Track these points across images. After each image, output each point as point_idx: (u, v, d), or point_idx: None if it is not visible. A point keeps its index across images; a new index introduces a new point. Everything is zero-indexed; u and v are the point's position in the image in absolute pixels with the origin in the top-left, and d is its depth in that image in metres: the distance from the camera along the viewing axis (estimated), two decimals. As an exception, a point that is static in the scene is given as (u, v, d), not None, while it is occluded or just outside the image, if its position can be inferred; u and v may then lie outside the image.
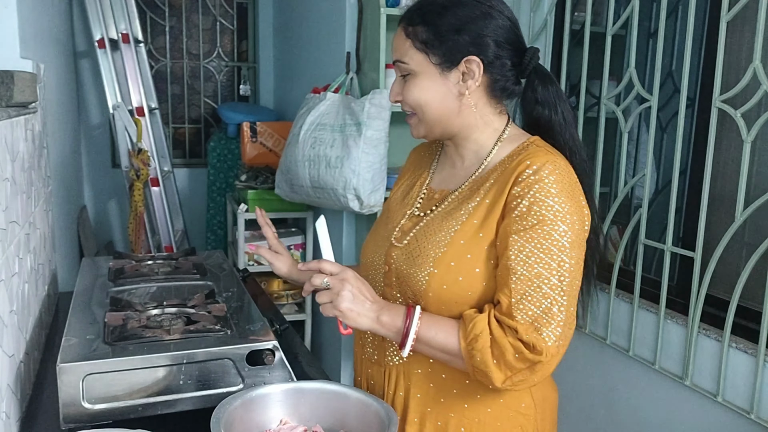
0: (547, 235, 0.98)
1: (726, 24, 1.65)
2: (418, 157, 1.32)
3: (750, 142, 1.60)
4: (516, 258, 0.99)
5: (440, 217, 1.12)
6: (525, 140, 1.11)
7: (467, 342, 0.99)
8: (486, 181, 1.09)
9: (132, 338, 1.14)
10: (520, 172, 1.03)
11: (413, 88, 1.09)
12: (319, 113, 2.56)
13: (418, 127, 1.14)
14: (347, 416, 1.06)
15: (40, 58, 1.89)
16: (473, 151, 1.15)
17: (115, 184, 3.96)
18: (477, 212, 1.07)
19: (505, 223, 1.02)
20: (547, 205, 0.99)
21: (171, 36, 4.24)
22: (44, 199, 1.67)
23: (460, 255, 1.05)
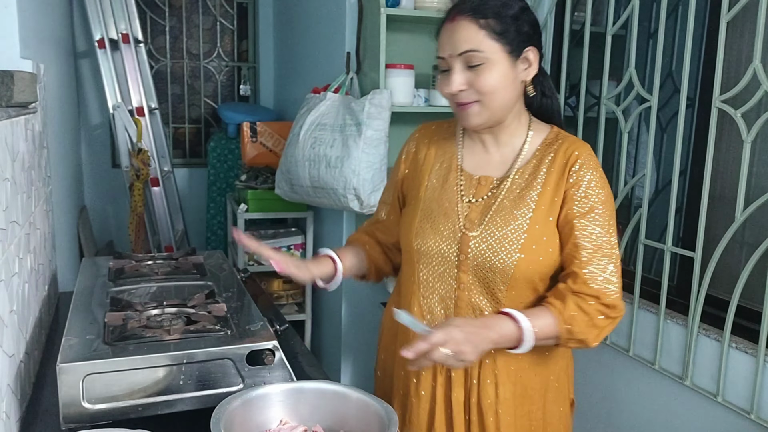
0: (600, 215, 1.20)
1: (726, 24, 1.65)
2: (432, 141, 1.38)
3: (750, 142, 1.60)
4: (581, 236, 1.19)
5: (508, 205, 1.24)
6: (550, 129, 1.30)
7: (566, 322, 1.17)
8: (539, 169, 1.24)
9: (132, 338, 1.14)
10: (572, 162, 1.22)
11: (488, 75, 1.17)
12: (319, 113, 2.56)
13: (480, 114, 1.21)
14: (347, 416, 1.06)
15: (40, 58, 1.89)
16: (509, 137, 1.28)
17: (115, 184, 3.96)
18: (543, 200, 1.22)
19: (567, 208, 1.21)
20: (597, 191, 1.21)
21: (171, 36, 4.24)
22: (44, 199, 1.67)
23: (538, 238, 1.21)
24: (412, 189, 1.37)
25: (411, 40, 2.73)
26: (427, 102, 2.67)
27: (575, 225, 1.19)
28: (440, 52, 1.21)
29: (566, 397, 1.36)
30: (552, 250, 1.22)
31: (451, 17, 1.20)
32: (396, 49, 2.63)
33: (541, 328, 1.16)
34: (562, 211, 1.21)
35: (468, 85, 1.18)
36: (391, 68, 2.53)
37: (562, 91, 2.24)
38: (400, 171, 1.42)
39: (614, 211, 1.24)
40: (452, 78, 1.19)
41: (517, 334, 1.15)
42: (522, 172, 1.25)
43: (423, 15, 2.56)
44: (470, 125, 1.23)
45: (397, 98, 2.54)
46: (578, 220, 1.19)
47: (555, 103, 1.32)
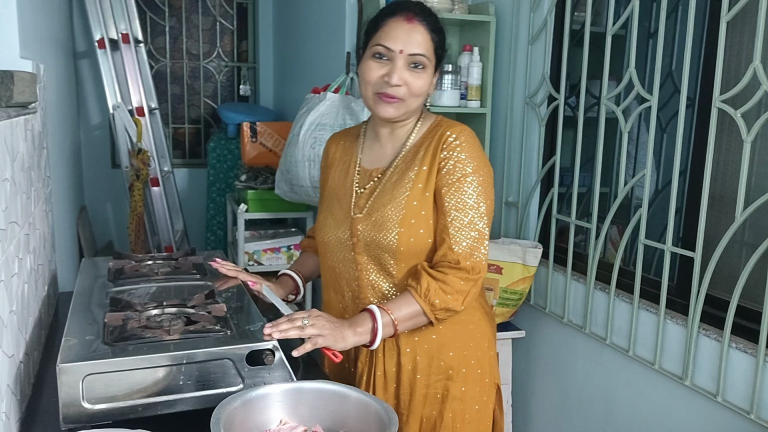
0: (467, 186, 1.32)
1: (726, 24, 1.65)
2: (339, 146, 1.55)
3: (750, 142, 1.60)
4: (449, 205, 1.32)
5: (389, 188, 1.38)
6: (435, 118, 1.44)
7: (424, 298, 1.29)
8: (417, 153, 1.37)
9: (132, 338, 1.14)
10: (444, 140, 1.34)
11: (421, 80, 1.33)
12: (319, 113, 2.56)
13: (399, 110, 1.35)
14: (347, 416, 1.06)
15: (40, 58, 1.89)
16: (402, 130, 1.42)
17: (115, 184, 3.96)
18: (419, 178, 1.35)
19: (437, 180, 1.33)
20: (466, 162, 1.32)
21: (171, 36, 4.24)
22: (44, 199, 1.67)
23: (417, 213, 1.34)
24: (322, 189, 1.55)
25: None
26: (427, 102, 2.67)
27: (443, 194, 1.32)
28: (387, 42, 1.31)
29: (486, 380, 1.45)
30: (432, 222, 1.34)
31: (408, 18, 1.32)
32: (396, 49, 2.63)
33: (403, 312, 1.29)
34: (435, 183, 1.33)
35: (404, 82, 1.32)
36: (391, 68, 2.53)
37: (562, 91, 2.24)
38: (321, 177, 1.59)
39: (488, 181, 1.35)
40: (395, 72, 1.31)
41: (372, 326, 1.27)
42: (404, 158, 1.39)
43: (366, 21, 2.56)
44: (388, 116, 1.35)
45: (397, 98, 2.53)
46: (446, 188, 1.32)
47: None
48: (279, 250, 3.26)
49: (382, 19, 1.35)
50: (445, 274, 1.29)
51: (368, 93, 1.36)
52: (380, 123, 1.42)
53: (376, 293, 1.40)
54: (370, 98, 1.36)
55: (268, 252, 3.25)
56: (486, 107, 2.64)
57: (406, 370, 1.41)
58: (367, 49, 1.37)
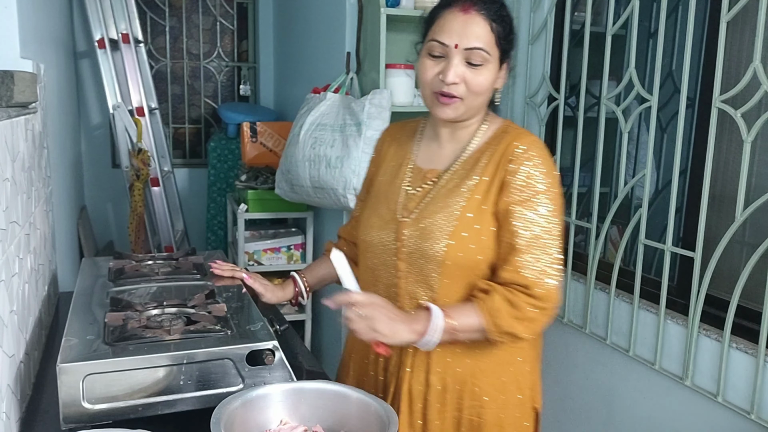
0: (539, 204, 1.20)
1: (726, 24, 1.65)
2: (394, 139, 1.44)
3: (750, 142, 1.60)
4: (518, 224, 1.19)
5: (443, 194, 1.26)
6: (501, 123, 1.31)
7: (490, 315, 1.17)
8: (478, 161, 1.26)
9: (132, 338, 1.14)
10: (511, 151, 1.22)
11: (480, 76, 1.22)
12: (319, 113, 2.56)
13: (458, 110, 1.24)
14: (348, 416, 1.06)
15: (40, 58, 1.89)
16: (464, 132, 1.31)
17: (115, 184, 3.96)
18: (478, 189, 1.23)
19: (504, 196, 1.21)
20: (538, 179, 1.20)
21: (171, 36, 4.24)
22: (44, 199, 1.67)
23: (469, 226, 1.22)
24: (371, 186, 1.44)
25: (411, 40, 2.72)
26: (427, 102, 2.67)
27: (512, 212, 1.20)
28: (441, 36, 1.21)
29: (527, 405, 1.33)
30: (485, 238, 1.22)
31: (464, 8, 1.20)
32: (396, 49, 2.63)
33: (463, 321, 1.18)
34: (500, 200, 1.21)
35: (462, 80, 1.21)
36: (391, 68, 2.53)
37: (562, 91, 2.24)
38: (370, 170, 1.49)
39: (560, 201, 1.23)
40: (451, 69, 1.20)
41: (430, 327, 1.17)
42: (464, 163, 1.28)
43: (423, 15, 2.56)
44: (446, 117, 1.25)
45: (397, 98, 2.53)
46: (516, 206, 1.20)
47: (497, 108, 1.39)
48: (279, 250, 3.26)
49: (437, 12, 1.25)
50: (517, 297, 1.17)
51: (425, 93, 1.26)
52: (441, 122, 1.31)
53: (412, 304, 1.28)
54: (427, 98, 1.27)
55: (268, 252, 3.25)
56: (486, 107, 2.64)
57: (435, 391, 1.29)
58: (423, 46, 1.28)
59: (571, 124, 2.26)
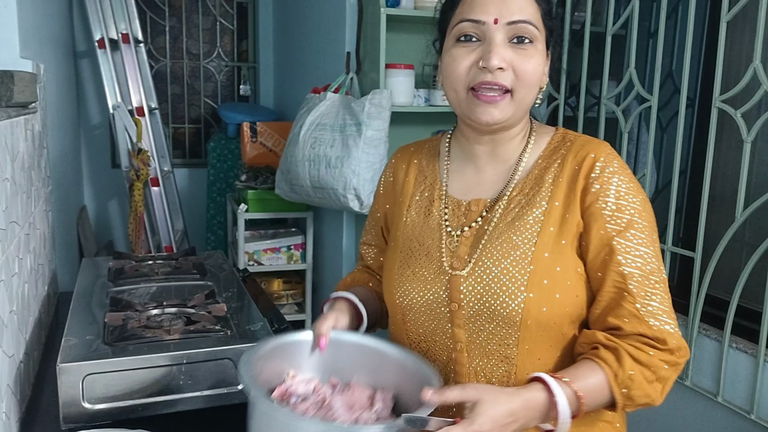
0: (642, 230, 0.93)
1: (726, 24, 1.65)
2: (412, 166, 1.12)
3: (750, 142, 1.60)
4: (626, 261, 0.91)
5: (503, 230, 0.96)
6: (555, 131, 1.04)
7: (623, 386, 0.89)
8: (540, 182, 0.98)
9: (132, 338, 1.14)
10: (588, 166, 0.95)
11: (532, 60, 0.92)
12: (319, 113, 2.56)
13: (506, 108, 0.94)
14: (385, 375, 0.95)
15: (40, 58, 1.89)
16: (509, 147, 1.02)
17: (115, 184, 3.96)
18: (550, 219, 0.95)
19: (597, 227, 0.93)
20: (632, 200, 0.94)
21: (171, 36, 4.24)
22: (44, 199, 1.67)
23: (550, 269, 0.92)
24: (392, 228, 1.12)
25: (411, 40, 2.73)
26: (427, 102, 2.67)
27: (615, 247, 0.91)
28: (474, 13, 0.92)
29: None
30: (571, 283, 0.93)
31: None
32: (396, 49, 2.63)
33: (589, 393, 0.86)
34: (590, 232, 0.93)
35: (508, 65, 0.91)
36: (391, 68, 2.53)
37: (562, 91, 2.24)
38: (380, 207, 1.17)
39: (654, 221, 0.97)
40: (494, 49, 0.90)
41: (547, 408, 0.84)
42: (521, 188, 0.99)
43: (423, 15, 2.56)
44: (492, 120, 0.94)
45: (397, 98, 2.54)
46: (617, 240, 0.91)
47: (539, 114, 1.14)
48: (279, 250, 3.26)
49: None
50: (650, 356, 0.89)
51: (458, 94, 0.95)
52: (474, 137, 1.01)
53: None
54: (462, 101, 0.96)
55: (268, 252, 3.25)
56: (486, 107, 2.64)
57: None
58: (446, 38, 0.98)
59: (571, 124, 2.26)
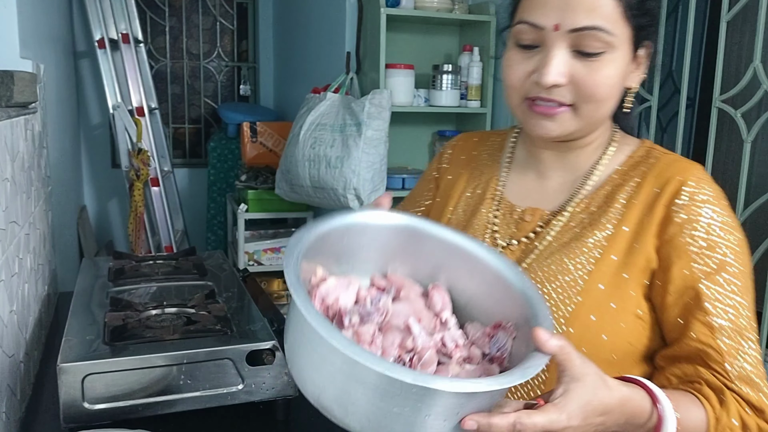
0: (737, 275, 0.78)
1: (726, 24, 1.65)
2: (471, 159, 1.00)
3: (750, 142, 1.60)
4: (716, 310, 0.76)
5: (557, 250, 0.83)
6: (638, 144, 0.90)
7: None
8: (611, 201, 0.83)
9: (132, 338, 1.14)
10: (673, 192, 0.79)
11: (599, 73, 0.77)
12: (319, 113, 2.56)
13: (565, 123, 0.81)
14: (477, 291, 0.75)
15: (40, 58, 1.89)
16: (582, 155, 0.88)
17: (115, 184, 3.96)
18: (615, 245, 0.80)
19: (680, 266, 0.77)
20: (726, 236, 0.79)
21: (171, 36, 4.24)
22: (44, 199, 1.67)
23: (602, 305, 0.79)
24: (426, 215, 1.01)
25: (411, 40, 2.73)
26: (427, 102, 2.67)
27: (703, 293, 0.77)
28: (533, 14, 0.78)
29: None
30: (626, 326, 0.79)
31: None
32: (396, 49, 2.63)
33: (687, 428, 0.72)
34: (670, 270, 0.78)
35: (570, 79, 0.77)
36: (391, 68, 2.53)
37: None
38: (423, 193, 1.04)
39: (750, 265, 0.83)
40: (550, 63, 0.77)
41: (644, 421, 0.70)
42: (587, 204, 0.85)
43: (423, 15, 2.56)
44: (546, 135, 0.82)
45: (397, 98, 2.54)
46: (706, 283, 0.77)
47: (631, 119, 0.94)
48: (279, 250, 3.26)
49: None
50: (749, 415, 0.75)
51: (513, 101, 0.84)
52: (540, 141, 0.90)
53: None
54: (516, 108, 0.84)
55: (268, 252, 3.25)
56: (486, 107, 2.64)
57: None
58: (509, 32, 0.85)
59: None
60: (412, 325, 0.66)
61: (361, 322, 0.67)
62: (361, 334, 0.65)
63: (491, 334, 0.70)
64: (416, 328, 0.66)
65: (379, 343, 0.65)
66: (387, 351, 0.65)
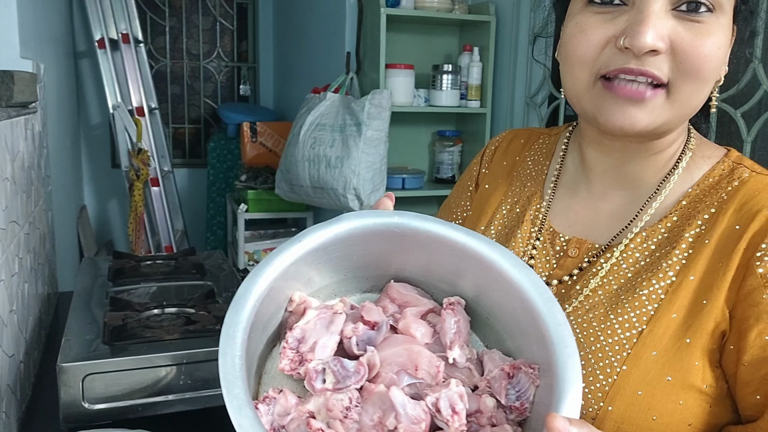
0: None
1: (726, 24, 1.65)
2: (512, 162, 0.82)
3: (750, 142, 1.60)
4: None
5: (602, 303, 0.65)
6: (719, 156, 0.69)
7: None
8: (678, 237, 0.64)
9: (132, 338, 1.14)
10: (759, 232, 0.60)
11: (716, 36, 0.60)
12: (319, 113, 2.56)
13: (659, 112, 0.61)
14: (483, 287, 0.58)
15: (40, 58, 1.89)
16: (650, 172, 0.69)
17: (115, 184, 3.96)
18: (677, 299, 0.62)
19: (760, 328, 0.59)
20: None
21: (171, 36, 4.24)
22: (44, 199, 1.67)
23: (654, 377, 0.61)
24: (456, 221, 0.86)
25: (411, 40, 2.73)
26: (427, 102, 2.67)
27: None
28: None
29: None
30: (684, 404, 0.60)
31: None
32: (396, 49, 2.63)
33: None
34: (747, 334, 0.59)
35: (670, 44, 0.59)
36: (391, 68, 2.53)
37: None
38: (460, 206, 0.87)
39: None
40: (647, 19, 0.58)
41: None
42: (648, 237, 0.66)
43: (423, 15, 2.57)
44: (631, 128, 0.62)
45: (397, 98, 2.54)
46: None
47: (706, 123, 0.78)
48: (279, 250, 3.27)
49: None
50: None
51: (581, 83, 0.64)
52: (599, 144, 0.70)
53: None
54: (585, 94, 0.64)
55: (268, 252, 3.25)
56: (486, 107, 2.64)
57: None
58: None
59: (571, 124, 2.26)
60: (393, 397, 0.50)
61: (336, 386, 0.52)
62: (332, 408, 0.50)
63: (511, 375, 0.54)
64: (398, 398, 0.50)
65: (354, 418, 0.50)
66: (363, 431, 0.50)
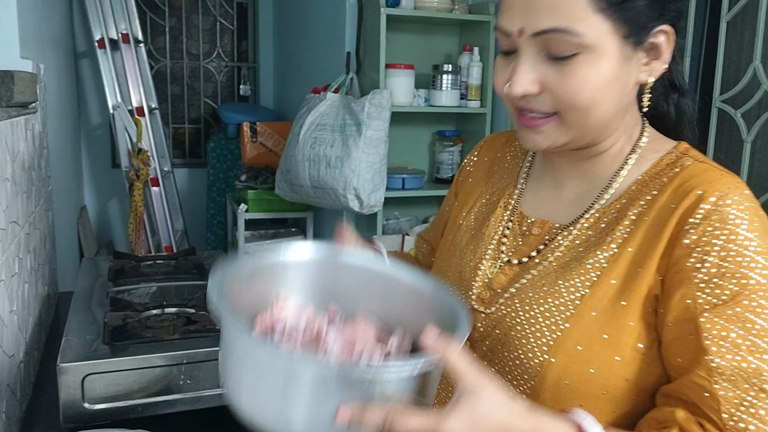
0: (757, 308, 0.64)
1: (726, 24, 1.65)
2: (494, 160, 0.93)
3: (750, 142, 1.60)
4: (718, 350, 0.63)
5: (554, 272, 0.74)
6: (668, 149, 0.76)
7: None
8: (622, 217, 0.73)
9: (132, 338, 1.14)
10: (689, 208, 0.67)
11: (583, 75, 0.68)
12: (319, 113, 2.56)
13: (551, 134, 0.72)
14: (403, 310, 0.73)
15: (40, 58, 1.89)
16: (600, 167, 0.78)
17: (115, 184, 3.96)
18: (616, 268, 0.70)
19: (682, 292, 0.66)
20: (748, 262, 0.64)
21: (171, 36, 4.24)
22: (44, 199, 1.67)
23: (593, 334, 0.69)
24: (447, 227, 0.95)
25: (411, 40, 2.73)
26: (427, 102, 2.67)
27: (703, 327, 0.64)
28: (502, 18, 0.72)
29: None
30: (621, 360, 0.68)
31: None
32: (396, 49, 2.63)
33: None
34: (671, 298, 0.67)
35: (543, 86, 0.70)
36: (391, 68, 2.53)
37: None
38: (449, 199, 0.99)
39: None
40: (517, 71, 0.70)
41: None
42: (598, 219, 0.75)
43: (423, 15, 2.57)
44: (536, 148, 0.75)
45: (397, 98, 2.54)
46: (708, 317, 0.65)
47: (689, 104, 0.82)
48: (279, 250, 3.27)
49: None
50: None
51: (509, 111, 0.77)
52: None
53: None
54: (512, 118, 0.77)
55: (268, 252, 3.25)
56: (486, 107, 2.64)
57: None
58: None
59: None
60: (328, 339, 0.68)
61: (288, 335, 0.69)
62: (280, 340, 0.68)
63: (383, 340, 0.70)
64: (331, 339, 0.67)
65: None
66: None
